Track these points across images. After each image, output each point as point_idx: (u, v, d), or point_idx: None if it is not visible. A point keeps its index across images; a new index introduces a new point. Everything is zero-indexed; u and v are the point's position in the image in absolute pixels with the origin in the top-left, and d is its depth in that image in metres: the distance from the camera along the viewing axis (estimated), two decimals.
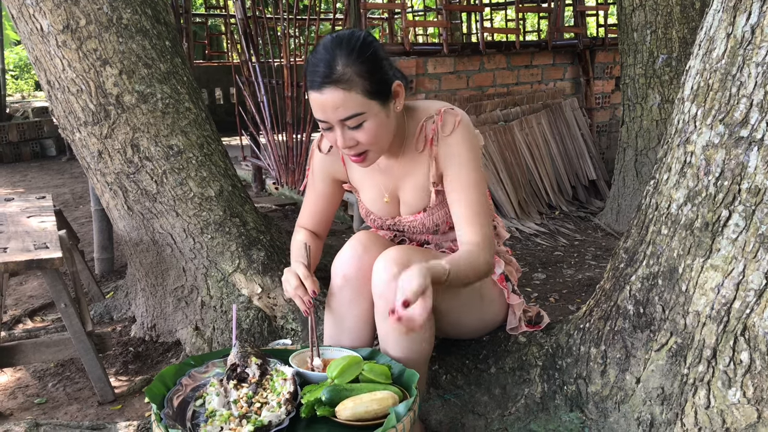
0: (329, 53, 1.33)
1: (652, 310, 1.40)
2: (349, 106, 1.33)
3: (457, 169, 1.47)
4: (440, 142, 1.48)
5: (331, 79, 1.32)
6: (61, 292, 2.02)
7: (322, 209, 1.69)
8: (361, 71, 1.33)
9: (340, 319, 1.52)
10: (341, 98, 1.32)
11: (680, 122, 1.39)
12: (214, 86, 8.55)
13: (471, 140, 1.48)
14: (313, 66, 1.34)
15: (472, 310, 1.58)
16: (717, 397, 1.26)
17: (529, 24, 7.10)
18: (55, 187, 5.61)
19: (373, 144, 1.40)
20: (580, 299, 2.77)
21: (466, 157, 1.47)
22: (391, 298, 1.36)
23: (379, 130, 1.39)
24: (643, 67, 3.46)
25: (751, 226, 1.21)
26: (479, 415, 1.63)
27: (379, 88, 1.36)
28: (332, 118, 1.35)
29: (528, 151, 4.21)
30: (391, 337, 1.41)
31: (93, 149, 2.24)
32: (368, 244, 1.49)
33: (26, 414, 2.03)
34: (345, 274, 1.49)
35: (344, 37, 1.36)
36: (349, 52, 1.33)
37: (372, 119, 1.37)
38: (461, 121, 1.47)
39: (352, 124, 1.36)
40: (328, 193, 1.68)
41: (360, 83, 1.33)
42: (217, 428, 1.21)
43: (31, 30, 2.15)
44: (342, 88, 1.32)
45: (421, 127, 1.50)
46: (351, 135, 1.37)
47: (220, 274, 2.25)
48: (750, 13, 1.21)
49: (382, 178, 1.59)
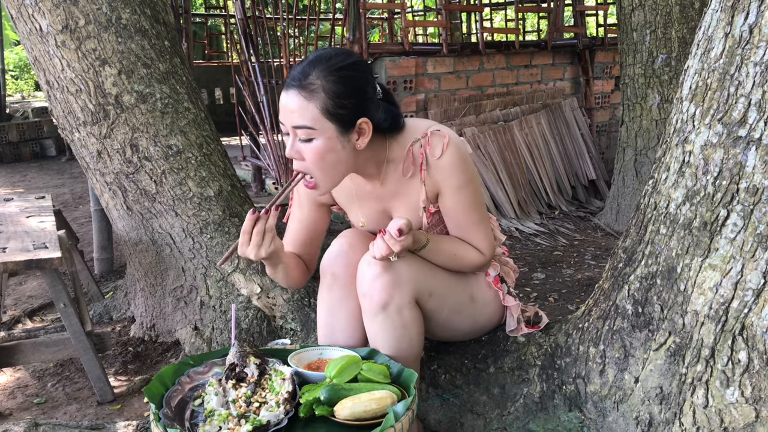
0: (312, 61, 1.34)
1: (650, 310, 1.41)
2: (304, 115, 1.31)
3: (454, 192, 1.45)
4: (430, 166, 1.44)
5: (299, 84, 1.31)
6: (61, 292, 2.02)
7: (306, 238, 1.62)
8: (329, 89, 1.31)
9: (332, 318, 1.52)
10: (298, 105, 1.31)
11: (679, 122, 1.39)
12: (214, 86, 8.55)
13: (462, 160, 1.44)
14: (296, 65, 1.36)
15: (462, 312, 1.58)
16: (715, 396, 1.26)
17: (528, 24, 7.10)
18: (55, 187, 5.61)
19: (316, 167, 1.35)
20: (580, 299, 2.77)
21: (460, 179, 1.44)
22: (376, 295, 1.37)
23: (326, 155, 1.34)
24: (643, 67, 3.46)
25: (749, 226, 1.21)
26: (478, 415, 1.63)
27: (340, 114, 1.32)
28: (287, 122, 1.34)
29: (527, 151, 4.21)
30: (380, 336, 1.42)
31: (92, 149, 2.24)
32: (354, 241, 1.50)
33: (25, 414, 2.03)
34: (333, 272, 1.49)
35: (335, 53, 1.36)
36: (328, 67, 1.32)
37: (322, 140, 1.33)
38: (449, 141, 1.42)
39: (302, 135, 1.33)
40: (315, 219, 1.62)
41: (322, 99, 1.30)
42: (216, 428, 1.21)
43: (30, 30, 2.15)
44: (303, 96, 1.31)
45: (408, 151, 1.45)
46: (298, 147, 1.35)
47: (219, 274, 2.25)
48: (748, 12, 1.21)
49: (365, 203, 1.55)
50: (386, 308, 1.38)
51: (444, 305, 1.51)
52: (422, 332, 1.48)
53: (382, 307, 1.38)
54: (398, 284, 1.38)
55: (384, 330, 1.40)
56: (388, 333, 1.40)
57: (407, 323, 1.41)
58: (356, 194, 1.55)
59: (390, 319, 1.39)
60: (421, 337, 1.47)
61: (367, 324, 1.43)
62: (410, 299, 1.41)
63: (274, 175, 4.78)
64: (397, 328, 1.40)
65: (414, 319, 1.43)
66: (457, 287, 1.53)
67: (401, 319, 1.40)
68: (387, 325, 1.39)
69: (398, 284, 1.38)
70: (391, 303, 1.38)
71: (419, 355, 1.50)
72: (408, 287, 1.40)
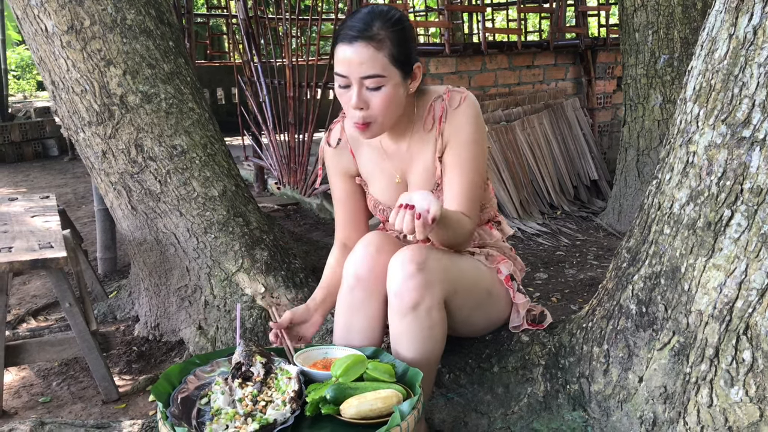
0: (368, 15, 1.41)
1: (654, 310, 1.41)
2: (375, 65, 1.38)
3: (461, 144, 1.52)
4: (448, 117, 1.53)
5: (365, 35, 1.38)
6: (66, 292, 2.03)
7: (353, 211, 1.72)
8: (393, 38, 1.40)
9: (350, 319, 1.51)
10: (369, 55, 1.38)
11: (682, 122, 1.39)
12: (216, 86, 8.55)
13: (476, 115, 1.53)
14: (349, 23, 1.41)
15: (480, 307, 1.58)
16: (719, 395, 1.27)
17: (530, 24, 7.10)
18: (58, 187, 5.63)
19: (382, 113, 1.44)
20: (582, 299, 2.78)
21: (469, 133, 1.52)
22: (407, 295, 1.38)
23: (392, 100, 1.43)
24: (645, 68, 3.47)
25: (753, 226, 1.22)
26: (482, 414, 1.64)
27: (404, 59, 1.42)
28: (354, 74, 1.39)
29: (530, 151, 4.22)
30: (406, 336, 1.41)
31: (97, 149, 2.25)
32: (381, 244, 1.49)
33: (31, 413, 2.04)
34: (357, 274, 1.48)
35: (383, 7, 1.45)
36: (386, 19, 1.41)
37: (390, 86, 1.41)
38: (467, 96, 1.54)
39: (370, 84, 1.40)
40: (352, 192, 1.71)
41: (389, 47, 1.39)
42: (223, 426, 1.21)
43: (35, 31, 2.16)
44: (373, 46, 1.38)
45: (429, 107, 1.55)
46: (366, 96, 1.42)
47: (223, 274, 2.26)
48: (752, 14, 1.22)
49: (391, 163, 1.62)
50: (416, 309, 1.38)
51: (466, 301, 1.52)
52: (446, 333, 1.47)
53: (412, 307, 1.38)
54: (430, 285, 1.38)
55: (411, 330, 1.39)
56: (415, 333, 1.40)
57: (434, 324, 1.41)
58: (381, 157, 1.63)
59: (419, 320, 1.39)
60: (444, 337, 1.47)
61: (394, 323, 1.42)
62: (440, 300, 1.41)
63: (276, 175, 4.79)
64: (424, 328, 1.40)
65: (441, 320, 1.43)
66: (478, 282, 1.55)
67: (430, 320, 1.40)
68: (415, 326, 1.39)
69: (430, 285, 1.38)
70: (422, 303, 1.38)
71: (440, 356, 1.50)
72: (439, 287, 1.40)
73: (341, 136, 1.67)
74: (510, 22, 7.52)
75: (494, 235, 1.71)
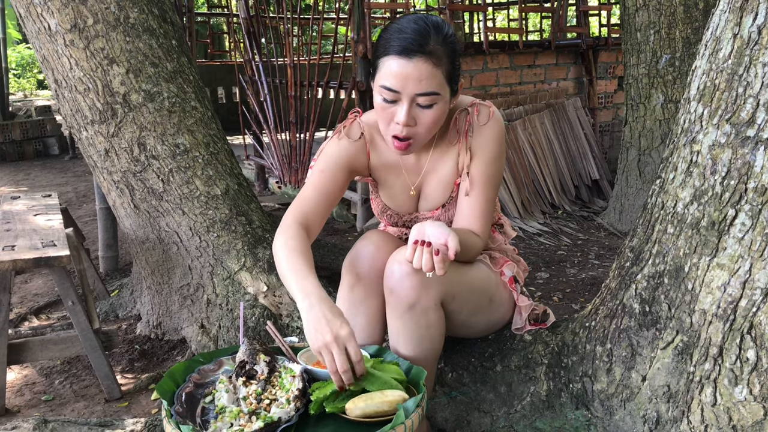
0: (421, 26, 1.33)
1: (658, 309, 1.41)
2: (432, 82, 1.33)
3: (484, 162, 1.50)
4: (475, 132, 1.49)
5: (425, 51, 1.31)
6: (69, 290, 2.03)
7: (330, 203, 1.53)
8: (448, 54, 1.34)
9: (350, 318, 1.51)
10: (429, 72, 1.31)
11: (686, 122, 1.39)
12: (217, 85, 8.55)
13: (502, 134, 1.51)
14: (401, 33, 1.32)
15: (479, 312, 1.58)
16: (723, 394, 1.27)
17: (531, 24, 7.10)
18: (59, 186, 5.63)
19: (427, 131, 1.39)
20: (584, 298, 2.78)
21: (494, 151, 1.50)
22: (404, 294, 1.38)
23: (440, 119, 1.39)
24: (647, 67, 3.47)
25: (757, 225, 1.22)
26: (485, 413, 1.64)
27: (455, 77, 1.38)
28: (409, 90, 1.33)
29: (531, 151, 4.22)
30: (403, 335, 1.42)
31: (100, 148, 2.25)
32: (381, 243, 1.49)
33: (33, 411, 2.04)
34: (357, 272, 1.49)
35: (434, 19, 1.38)
36: (442, 33, 1.34)
37: (441, 104, 1.37)
38: (494, 112, 1.50)
39: (423, 102, 1.34)
40: (336, 185, 1.53)
41: (446, 65, 1.34)
42: (227, 424, 1.22)
43: (38, 29, 2.16)
44: (432, 62, 1.32)
45: (454, 120, 1.51)
46: (415, 113, 1.36)
47: (225, 273, 2.26)
48: (757, 13, 1.22)
49: (407, 175, 1.59)
50: (413, 308, 1.38)
51: (464, 307, 1.52)
52: (444, 333, 1.48)
53: (409, 306, 1.38)
54: (427, 286, 1.38)
55: (408, 329, 1.40)
56: (412, 332, 1.40)
57: (431, 324, 1.41)
58: (399, 164, 1.58)
59: (415, 319, 1.39)
60: (442, 338, 1.48)
61: (392, 322, 1.43)
62: (437, 301, 1.41)
63: (277, 174, 4.79)
64: (421, 328, 1.40)
65: (438, 321, 1.43)
66: (478, 286, 1.54)
67: (426, 320, 1.40)
68: (412, 325, 1.40)
69: (427, 286, 1.38)
70: (418, 303, 1.38)
71: (438, 354, 1.50)
72: (436, 289, 1.40)
73: (362, 130, 1.58)
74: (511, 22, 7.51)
75: (497, 239, 1.71)
